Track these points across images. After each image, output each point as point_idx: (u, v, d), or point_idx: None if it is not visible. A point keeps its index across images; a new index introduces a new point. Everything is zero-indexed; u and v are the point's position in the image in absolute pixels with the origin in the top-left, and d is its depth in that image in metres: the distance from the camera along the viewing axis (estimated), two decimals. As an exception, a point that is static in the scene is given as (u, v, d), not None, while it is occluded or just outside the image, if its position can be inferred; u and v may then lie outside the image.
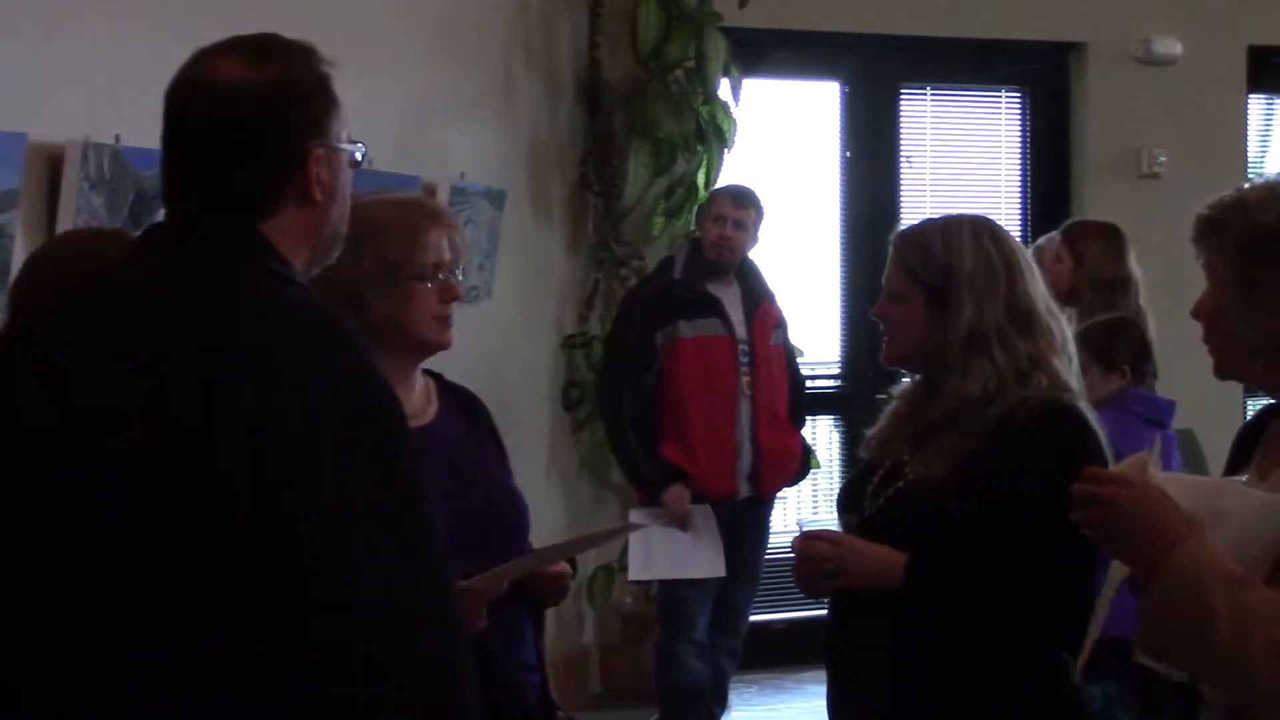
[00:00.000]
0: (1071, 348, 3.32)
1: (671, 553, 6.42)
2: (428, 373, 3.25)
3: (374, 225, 3.07)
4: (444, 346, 3.16)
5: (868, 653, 3.27)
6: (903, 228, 3.39)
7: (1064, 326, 3.32)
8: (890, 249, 3.34)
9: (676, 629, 6.56)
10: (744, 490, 6.49)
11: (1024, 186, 8.77)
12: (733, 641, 6.73)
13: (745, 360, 6.53)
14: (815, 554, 3.24)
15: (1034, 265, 3.34)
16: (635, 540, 6.51)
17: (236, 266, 2.17)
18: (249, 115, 2.19)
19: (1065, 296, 5.00)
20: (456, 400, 3.29)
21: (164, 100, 2.22)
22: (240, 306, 2.12)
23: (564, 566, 3.25)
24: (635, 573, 6.63)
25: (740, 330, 6.55)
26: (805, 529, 3.31)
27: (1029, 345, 3.23)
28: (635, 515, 6.50)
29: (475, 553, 2.96)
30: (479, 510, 3.10)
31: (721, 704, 6.76)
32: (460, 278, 3.18)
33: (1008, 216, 8.59)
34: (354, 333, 2.18)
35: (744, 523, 6.55)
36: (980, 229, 3.30)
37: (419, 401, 3.16)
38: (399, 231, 3.11)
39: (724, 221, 6.55)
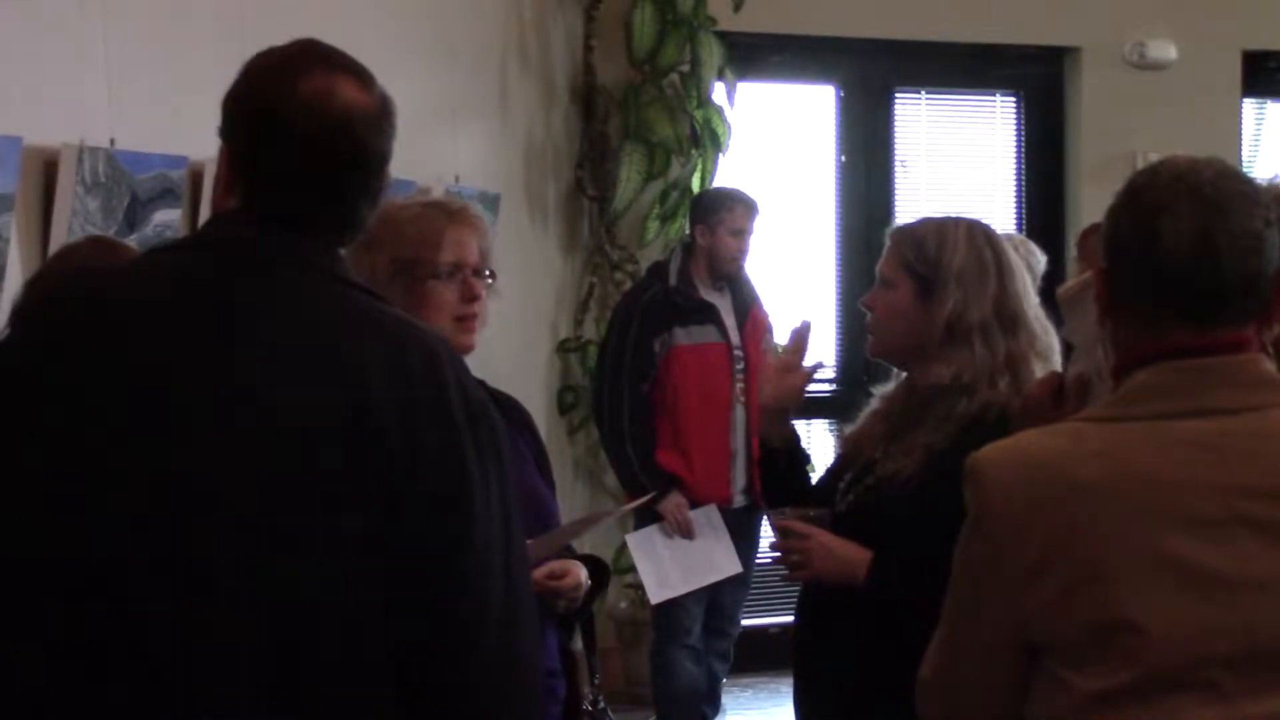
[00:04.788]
0: (1057, 358, 3.34)
1: (685, 564, 6.37)
2: None
3: (393, 225, 3.09)
4: (465, 350, 3.15)
5: (832, 653, 3.31)
6: (900, 223, 3.45)
7: (1053, 336, 3.36)
8: (887, 240, 3.41)
9: (671, 634, 6.55)
10: (739, 500, 6.48)
11: (1019, 190, 8.77)
12: (724, 644, 6.72)
13: (740, 367, 6.50)
14: (783, 545, 3.32)
15: (1027, 275, 3.38)
16: (644, 562, 6.41)
17: (359, 292, 2.23)
18: (386, 145, 2.27)
19: None
20: (495, 405, 3.28)
21: (278, 120, 2.21)
22: (373, 328, 2.18)
23: (575, 578, 3.27)
24: (655, 595, 6.46)
25: (734, 337, 6.53)
26: (780, 514, 3.37)
27: (1011, 344, 3.27)
28: (634, 537, 6.42)
29: None
30: None
31: (714, 707, 6.76)
32: (489, 278, 3.18)
33: (1002, 220, 8.59)
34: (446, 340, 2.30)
35: (736, 529, 6.51)
36: (976, 230, 3.37)
37: None
38: (416, 231, 3.14)
39: (743, 235, 6.54)
